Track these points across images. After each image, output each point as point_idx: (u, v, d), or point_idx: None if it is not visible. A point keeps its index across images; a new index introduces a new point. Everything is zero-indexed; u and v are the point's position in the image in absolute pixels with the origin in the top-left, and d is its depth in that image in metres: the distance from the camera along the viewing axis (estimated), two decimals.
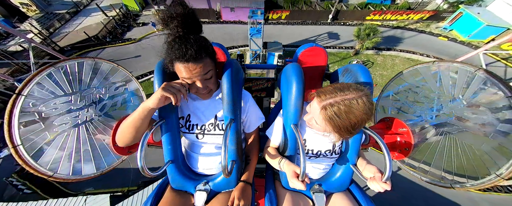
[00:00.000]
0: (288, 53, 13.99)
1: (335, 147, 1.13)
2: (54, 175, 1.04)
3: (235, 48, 14.40)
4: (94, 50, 14.07)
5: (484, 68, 1.10)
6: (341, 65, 13.64)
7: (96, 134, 1.20)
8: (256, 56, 13.15)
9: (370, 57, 14.76)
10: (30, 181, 8.00)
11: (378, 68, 14.08)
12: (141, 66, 12.92)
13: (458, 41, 16.24)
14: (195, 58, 0.83)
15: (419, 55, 14.82)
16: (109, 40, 15.18)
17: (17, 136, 0.97)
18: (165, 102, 0.86)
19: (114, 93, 1.37)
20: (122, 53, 14.02)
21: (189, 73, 0.86)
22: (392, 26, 17.76)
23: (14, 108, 0.98)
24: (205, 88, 0.95)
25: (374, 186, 0.85)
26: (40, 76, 1.07)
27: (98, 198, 5.97)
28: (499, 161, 1.01)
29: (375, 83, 12.00)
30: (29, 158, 0.98)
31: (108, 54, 13.80)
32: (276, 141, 1.17)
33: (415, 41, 16.11)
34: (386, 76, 13.44)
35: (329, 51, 14.56)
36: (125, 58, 13.51)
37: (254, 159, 1.23)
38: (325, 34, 16.73)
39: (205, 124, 1.12)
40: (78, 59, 1.24)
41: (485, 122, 1.07)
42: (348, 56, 14.72)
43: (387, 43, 15.55)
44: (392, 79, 1.56)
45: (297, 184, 0.86)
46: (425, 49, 15.22)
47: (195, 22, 0.88)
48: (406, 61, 14.68)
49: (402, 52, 15.05)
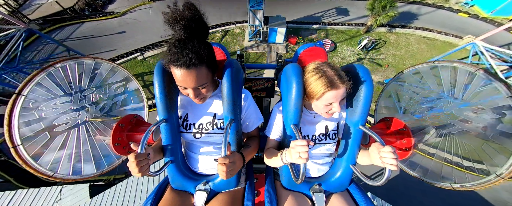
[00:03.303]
0: (292, 30, 12.37)
1: (328, 131, 1.15)
2: (54, 175, 1.04)
3: (232, 25, 12.36)
4: (70, 25, 11.74)
5: (484, 68, 1.10)
6: (350, 44, 12.44)
7: (96, 134, 1.20)
8: (256, 33, 11.39)
9: (382, 35, 13.04)
10: (3, 170, 7.11)
11: (390, 47, 12.59)
12: (126, 44, 10.99)
13: (480, 17, 14.43)
14: (188, 65, 0.81)
15: (436, 33, 13.14)
16: (88, 13, 12.79)
17: (17, 136, 0.97)
18: (143, 168, 0.83)
19: (114, 93, 1.37)
20: (103, 28, 11.78)
21: (180, 78, 0.85)
22: (407, 0, 15.67)
23: (14, 108, 0.98)
24: (196, 96, 0.93)
25: (388, 161, 0.82)
26: (40, 76, 1.07)
27: (75, 188, 5.38)
28: (499, 161, 1.01)
29: (387, 64, 11.49)
30: (29, 158, 0.98)
31: (87, 30, 11.63)
32: (275, 135, 1.17)
33: (433, 18, 14.31)
34: (399, 56, 12.17)
35: (337, 29, 13.15)
36: (107, 35, 11.40)
37: (254, 147, 1.18)
38: (333, 9, 14.80)
39: (203, 123, 1.12)
40: (78, 59, 1.24)
41: (485, 122, 1.07)
42: (358, 34, 12.98)
43: (402, 19, 13.66)
44: (392, 79, 1.56)
45: (300, 144, 0.83)
46: (443, 27, 13.53)
47: (200, 28, 0.86)
48: (421, 40, 13.03)
49: (418, 29, 13.31)
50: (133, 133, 1.27)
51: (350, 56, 11.87)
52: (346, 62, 11.40)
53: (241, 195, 1.21)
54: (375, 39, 12.37)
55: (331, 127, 1.17)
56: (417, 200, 7.85)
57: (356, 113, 1.04)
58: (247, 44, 11.67)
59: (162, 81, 0.97)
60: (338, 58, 11.79)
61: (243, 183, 1.26)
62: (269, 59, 10.89)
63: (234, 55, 9.77)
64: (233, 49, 11.45)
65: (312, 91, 0.96)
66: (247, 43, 11.70)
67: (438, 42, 12.95)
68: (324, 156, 1.21)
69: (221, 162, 0.83)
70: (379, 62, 11.79)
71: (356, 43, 12.32)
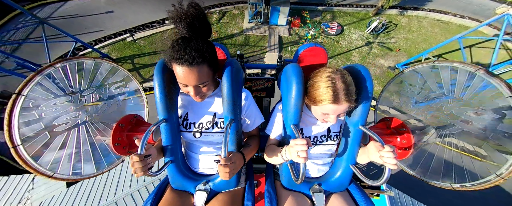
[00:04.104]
0: (295, 11, 11.18)
1: (330, 132, 1.15)
2: (54, 175, 1.04)
3: (231, 5, 11.12)
4: (52, 3, 10.44)
5: (484, 68, 1.10)
6: (358, 27, 11.23)
7: (96, 134, 1.20)
8: (256, 13, 10.26)
9: (393, 18, 11.89)
10: None
11: (402, 31, 11.56)
12: (115, 25, 10.03)
13: (507, 1, 12.81)
14: (190, 63, 0.82)
15: (451, 16, 11.97)
16: None
17: (17, 136, 0.97)
18: (145, 168, 0.84)
19: (114, 93, 1.36)
20: (89, 8, 10.64)
21: (182, 76, 0.86)
22: None
23: (14, 108, 0.98)
24: (196, 94, 0.94)
25: (388, 160, 0.83)
26: (40, 76, 1.07)
27: None
28: (499, 161, 1.01)
29: (398, 49, 10.57)
30: (29, 158, 0.98)
31: (72, 8, 10.40)
32: (275, 134, 1.17)
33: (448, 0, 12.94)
34: (411, 40, 11.13)
35: (344, 11, 11.94)
36: (94, 14, 10.32)
37: (254, 146, 1.19)
38: None
39: (203, 122, 1.12)
40: (78, 59, 1.24)
41: (486, 122, 1.07)
42: (366, 17, 11.82)
43: (414, 1, 12.62)
44: (392, 79, 1.56)
45: (300, 143, 0.83)
46: (459, 9, 12.33)
47: (204, 27, 0.88)
48: (435, 23, 11.88)
49: (432, 12, 12.13)
50: (133, 133, 1.27)
51: (358, 40, 10.85)
52: (353, 46, 10.52)
53: (241, 195, 1.21)
54: (386, 21, 11.16)
55: (334, 128, 1.16)
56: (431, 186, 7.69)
57: (356, 113, 1.04)
58: (247, 26, 10.47)
59: (162, 81, 0.97)
60: (345, 42, 10.76)
61: (243, 183, 1.27)
62: (271, 42, 9.98)
63: (234, 53, 9.41)
64: (232, 31, 10.35)
65: (315, 95, 0.96)
66: (246, 25, 10.49)
67: (453, 26, 11.88)
68: (325, 156, 1.21)
69: (222, 162, 0.83)
70: (390, 46, 10.83)
71: (365, 27, 11.26)
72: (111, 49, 9.15)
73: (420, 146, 1.24)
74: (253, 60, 9.40)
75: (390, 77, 1.48)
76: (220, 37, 9.86)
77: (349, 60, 9.94)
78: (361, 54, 10.27)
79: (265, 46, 9.93)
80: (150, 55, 9.14)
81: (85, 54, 8.59)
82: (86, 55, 8.28)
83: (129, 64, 8.88)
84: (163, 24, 9.87)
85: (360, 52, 10.36)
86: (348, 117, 1.10)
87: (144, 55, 9.14)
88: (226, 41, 9.82)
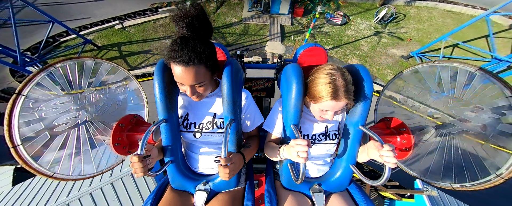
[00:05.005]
0: (299, 0, 10.64)
1: (328, 131, 1.15)
2: (54, 175, 1.04)
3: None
4: None
5: (484, 69, 1.10)
6: (365, 17, 10.83)
7: (96, 134, 1.20)
8: (256, 1, 9.81)
9: (401, 8, 11.47)
10: None
11: (412, 21, 11.07)
12: (104, 13, 9.52)
13: None
14: (186, 63, 0.83)
15: (462, 7, 11.49)
16: None
17: (17, 136, 0.97)
18: (145, 168, 0.84)
19: (114, 93, 1.37)
20: None
21: (178, 75, 0.87)
22: None
23: (14, 108, 0.97)
24: (192, 93, 0.94)
25: (388, 160, 0.84)
26: (40, 76, 1.07)
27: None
28: (499, 161, 1.01)
29: (410, 38, 10.02)
30: (29, 158, 0.98)
31: None
32: (275, 130, 1.17)
33: None
34: (422, 30, 10.61)
35: (350, 1, 11.44)
36: (81, 2, 9.77)
37: (254, 146, 1.19)
38: None
39: (203, 122, 1.12)
40: (78, 59, 1.24)
41: (485, 122, 1.07)
42: (373, 7, 11.36)
43: None
44: (392, 79, 1.56)
45: (300, 143, 0.84)
46: (470, 0, 11.70)
47: (204, 27, 0.88)
48: (446, 14, 11.40)
49: (442, 3, 11.63)
50: (133, 133, 1.27)
51: (365, 29, 10.34)
52: (361, 36, 10.00)
53: (241, 195, 1.21)
54: (395, 9, 10.66)
55: (331, 127, 1.17)
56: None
57: (356, 113, 1.04)
58: (247, 15, 9.84)
59: (162, 81, 0.97)
60: (352, 31, 10.20)
61: (243, 183, 1.27)
62: (272, 32, 9.39)
63: (233, 41, 8.88)
64: (230, 20, 9.74)
65: (314, 92, 0.96)
66: (246, 13, 9.87)
67: (465, 17, 11.24)
68: (325, 156, 1.22)
69: (222, 162, 0.83)
70: (400, 36, 10.35)
71: (372, 16, 10.83)
72: (97, 36, 8.57)
73: (420, 146, 1.24)
74: (253, 49, 8.88)
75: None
76: (217, 26, 9.36)
77: (357, 49, 9.46)
78: (370, 44, 9.75)
79: (266, 35, 9.35)
80: (140, 43, 8.60)
81: (67, 40, 8.06)
82: (68, 41, 7.89)
83: (115, 51, 8.35)
84: (156, 12, 9.30)
85: (369, 41, 9.84)
86: (348, 117, 1.10)
87: (133, 43, 8.57)
88: (223, 30, 9.31)
